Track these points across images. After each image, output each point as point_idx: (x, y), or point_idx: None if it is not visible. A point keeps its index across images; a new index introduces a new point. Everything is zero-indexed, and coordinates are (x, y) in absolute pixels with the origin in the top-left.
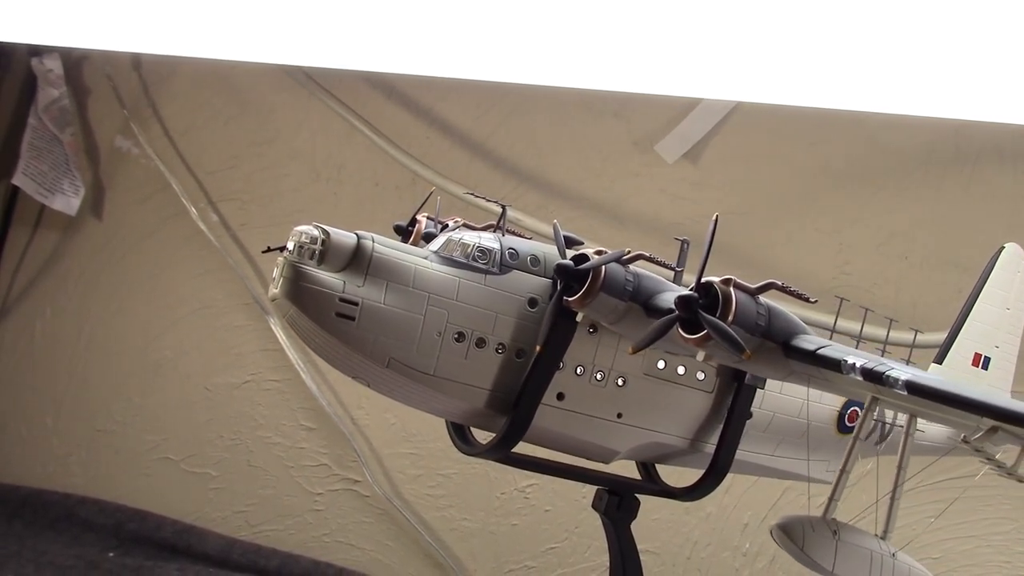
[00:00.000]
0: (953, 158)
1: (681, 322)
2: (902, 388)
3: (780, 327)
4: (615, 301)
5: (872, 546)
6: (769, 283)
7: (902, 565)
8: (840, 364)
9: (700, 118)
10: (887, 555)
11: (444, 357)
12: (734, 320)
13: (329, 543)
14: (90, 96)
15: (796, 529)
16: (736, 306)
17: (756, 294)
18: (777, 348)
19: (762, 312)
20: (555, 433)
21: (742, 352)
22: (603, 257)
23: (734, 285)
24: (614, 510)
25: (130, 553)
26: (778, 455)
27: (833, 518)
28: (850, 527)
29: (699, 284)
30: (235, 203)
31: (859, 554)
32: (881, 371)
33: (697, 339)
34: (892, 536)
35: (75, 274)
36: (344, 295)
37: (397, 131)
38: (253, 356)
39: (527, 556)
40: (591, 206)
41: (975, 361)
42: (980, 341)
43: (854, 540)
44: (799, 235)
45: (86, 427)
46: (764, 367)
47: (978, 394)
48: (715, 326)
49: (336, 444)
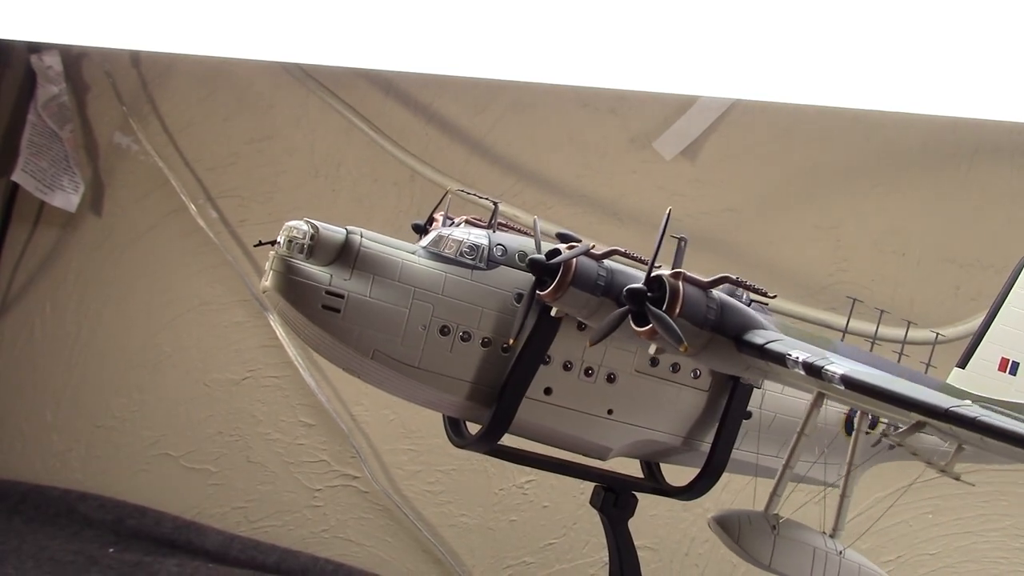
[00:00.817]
0: (950, 154)
1: (633, 315)
2: (839, 383)
3: (732, 321)
4: (586, 295)
5: (816, 543)
6: (723, 277)
7: (850, 563)
8: (785, 358)
9: (697, 115)
10: (833, 552)
11: (429, 350)
12: (681, 313)
13: (328, 539)
14: (89, 93)
15: (732, 522)
16: (683, 299)
17: (708, 288)
18: (729, 342)
19: (712, 306)
20: (545, 428)
21: (680, 344)
22: (573, 251)
23: (684, 279)
24: (611, 507)
25: (130, 549)
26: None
27: (775, 513)
28: (794, 523)
29: (649, 277)
30: (234, 199)
31: (800, 550)
32: (820, 365)
33: (646, 331)
34: (842, 534)
35: (74, 271)
36: (330, 288)
37: (395, 128)
38: (252, 352)
39: (525, 552)
40: (589, 203)
41: (1002, 366)
42: (1008, 346)
43: (796, 536)
44: (796, 232)
45: (86, 423)
46: (718, 361)
47: (908, 389)
48: (658, 318)
49: (335, 440)
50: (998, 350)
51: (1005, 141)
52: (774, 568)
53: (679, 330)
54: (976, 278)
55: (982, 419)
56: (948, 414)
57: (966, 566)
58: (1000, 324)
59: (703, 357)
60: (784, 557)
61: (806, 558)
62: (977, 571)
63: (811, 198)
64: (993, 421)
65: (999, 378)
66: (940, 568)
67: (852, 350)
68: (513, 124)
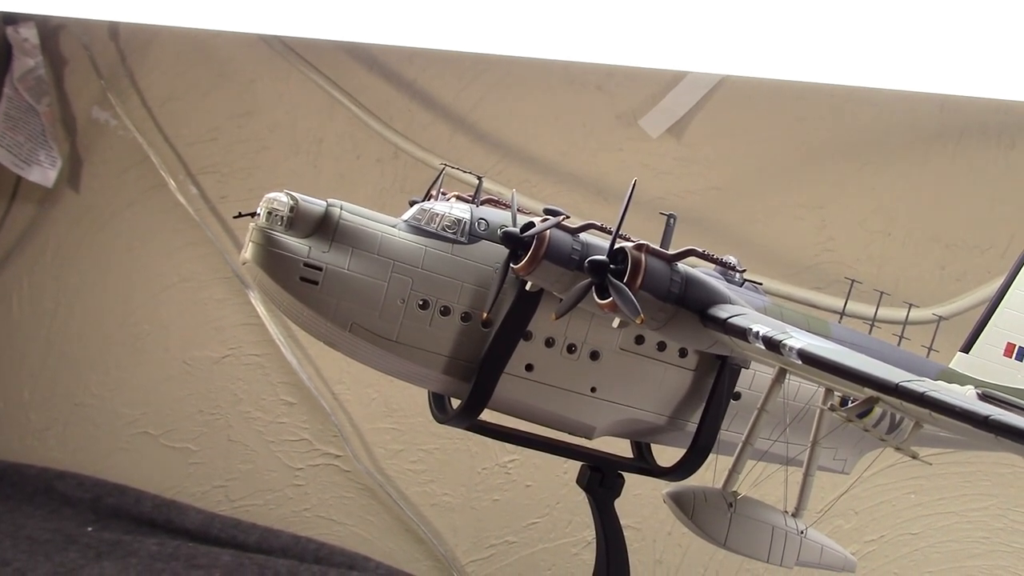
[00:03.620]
0: (937, 133)
1: (596, 287)
2: (796, 357)
3: (696, 295)
4: (560, 269)
5: (776, 521)
6: (688, 250)
7: (812, 543)
8: (747, 332)
9: (684, 92)
10: (794, 532)
11: (407, 324)
12: (643, 285)
13: (310, 518)
14: (67, 66)
15: (687, 498)
16: (645, 271)
17: (673, 261)
18: (694, 316)
19: (677, 279)
20: (527, 405)
21: (636, 316)
22: (546, 224)
23: (647, 251)
24: (597, 487)
25: (109, 528)
26: (775, 439)
27: (733, 491)
28: (753, 501)
29: (612, 249)
30: (214, 176)
31: (758, 528)
32: (779, 340)
33: (607, 304)
34: (805, 513)
35: (52, 247)
36: (308, 260)
37: (378, 104)
38: (233, 330)
39: (508, 531)
40: (574, 180)
41: (1008, 351)
42: (1014, 331)
43: (754, 514)
44: (783, 210)
45: (64, 401)
46: (684, 335)
47: (861, 364)
48: (617, 289)
49: (317, 419)
50: (1004, 335)
51: (992, 120)
52: (729, 546)
53: (637, 302)
54: (961, 258)
55: (930, 394)
56: (898, 389)
57: (948, 545)
58: (1006, 308)
59: (669, 331)
60: (740, 535)
61: (764, 537)
62: (959, 550)
63: (797, 177)
64: (942, 397)
65: (1005, 364)
66: (923, 547)
67: (849, 333)
68: (498, 100)
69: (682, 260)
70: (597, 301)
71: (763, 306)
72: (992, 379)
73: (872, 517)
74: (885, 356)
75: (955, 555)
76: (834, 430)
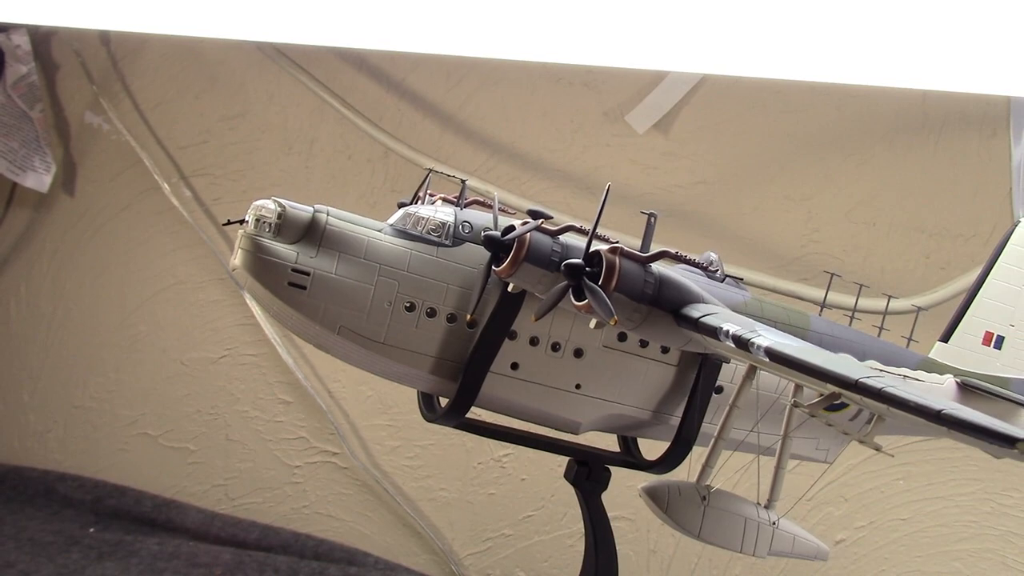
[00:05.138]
0: (920, 125)
1: (573, 289)
2: (764, 355)
3: (670, 296)
4: (541, 271)
5: (748, 513)
6: (662, 251)
7: (784, 534)
8: (717, 331)
9: (669, 89)
10: (766, 523)
11: (394, 326)
12: (617, 287)
13: (308, 515)
14: (59, 72)
15: (662, 493)
16: (619, 273)
17: (646, 263)
18: (668, 316)
19: (650, 280)
20: (513, 402)
21: (611, 318)
22: (526, 227)
23: (621, 253)
24: (584, 481)
25: (109, 528)
26: (751, 430)
27: (707, 484)
28: (726, 494)
29: (588, 252)
30: (207, 178)
31: (731, 520)
32: (748, 338)
33: (584, 305)
34: (776, 504)
35: (49, 251)
36: (296, 265)
37: (368, 105)
38: (229, 331)
39: (504, 524)
40: (562, 177)
41: (986, 340)
42: (992, 320)
43: (727, 507)
44: (769, 203)
45: (63, 403)
46: (660, 334)
47: (824, 361)
48: (592, 291)
49: (313, 417)
50: (982, 324)
51: (973, 112)
52: (703, 538)
53: (611, 304)
54: (945, 247)
55: (888, 390)
56: (857, 385)
57: (937, 530)
58: (984, 297)
59: (645, 330)
60: (714, 527)
61: (736, 528)
62: (948, 535)
63: (783, 170)
64: (898, 392)
65: (984, 352)
66: (912, 532)
67: (829, 325)
68: (486, 99)
69: (656, 262)
70: (574, 303)
71: (743, 301)
72: (971, 367)
73: (862, 503)
74: (865, 347)
75: (944, 539)
76: (804, 423)
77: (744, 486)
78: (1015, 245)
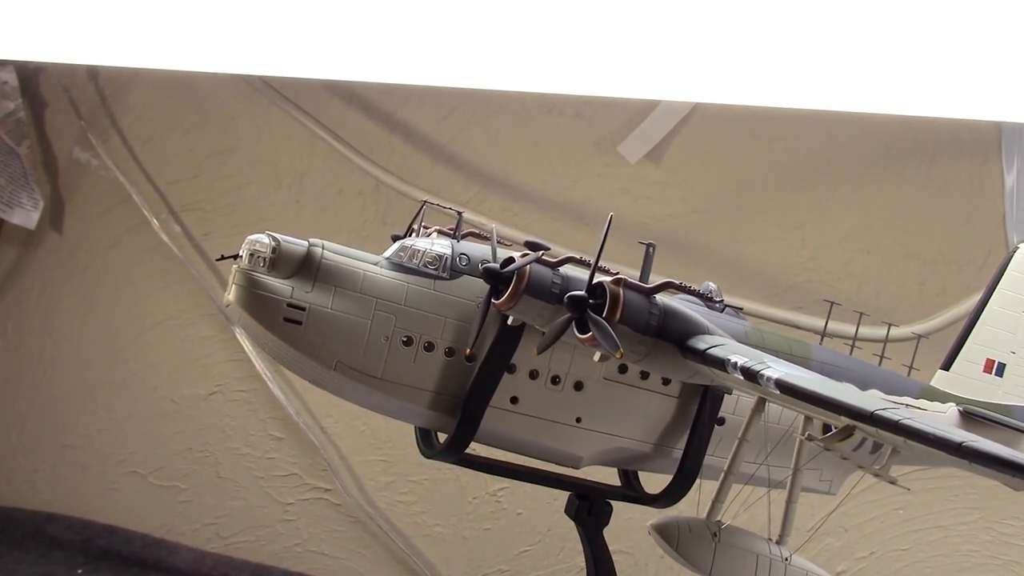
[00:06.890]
0: (911, 151)
1: (576, 322)
2: (774, 387)
3: (675, 327)
4: (541, 303)
5: (760, 549)
6: (666, 282)
7: (797, 570)
8: (725, 363)
9: (661, 118)
10: (778, 559)
11: (392, 361)
12: (622, 319)
13: (301, 553)
14: (47, 108)
15: (672, 530)
16: (624, 306)
17: (650, 294)
18: (673, 348)
19: (655, 312)
20: (513, 437)
21: (616, 351)
22: (525, 259)
23: (624, 285)
24: (585, 516)
25: (99, 569)
26: (760, 463)
27: (717, 520)
28: (738, 530)
29: (591, 284)
30: (197, 213)
31: (743, 557)
32: (757, 370)
33: (587, 338)
34: (789, 540)
35: (37, 289)
36: (291, 300)
37: (359, 137)
38: (219, 367)
39: (500, 560)
40: (555, 208)
41: (987, 367)
42: (993, 347)
43: (738, 543)
44: (762, 232)
45: (52, 443)
46: (665, 366)
47: (837, 393)
48: (596, 324)
49: (306, 453)
50: (983, 351)
51: (965, 138)
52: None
53: (616, 337)
54: (940, 273)
55: (905, 422)
56: (873, 417)
57: (938, 560)
58: (985, 324)
59: (649, 363)
60: (725, 565)
61: (748, 565)
62: (949, 564)
63: (776, 198)
64: (916, 424)
65: (985, 380)
66: (913, 563)
67: (830, 354)
68: (477, 130)
69: (660, 292)
70: (577, 336)
71: (744, 331)
72: (973, 395)
73: (862, 534)
74: (866, 376)
75: (945, 569)
76: (816, 456)
77: (743, 519)
78: (1014, 271)
